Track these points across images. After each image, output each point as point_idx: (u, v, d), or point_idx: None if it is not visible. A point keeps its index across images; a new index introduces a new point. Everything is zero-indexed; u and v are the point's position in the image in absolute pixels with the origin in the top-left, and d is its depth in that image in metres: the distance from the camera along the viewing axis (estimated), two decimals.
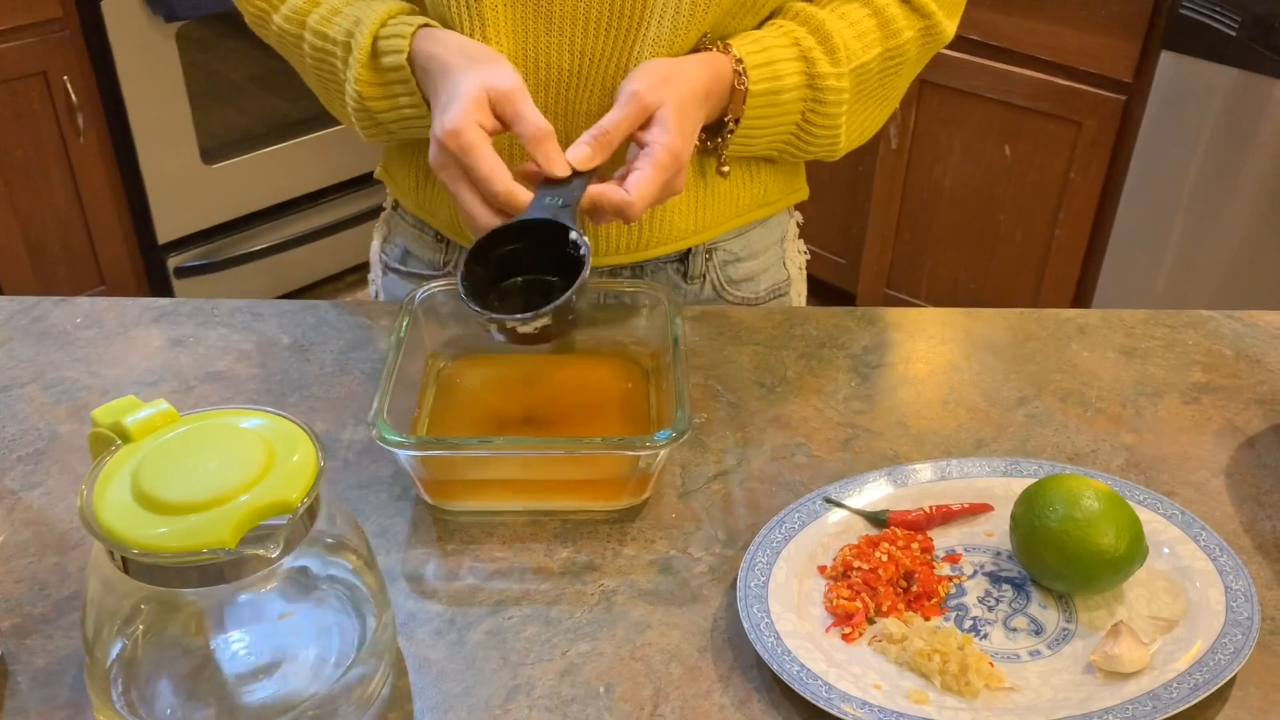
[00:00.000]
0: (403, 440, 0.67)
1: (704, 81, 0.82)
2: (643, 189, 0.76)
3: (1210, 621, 0.63)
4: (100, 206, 2.31)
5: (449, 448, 0.70)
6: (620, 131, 0.78)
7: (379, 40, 0.82)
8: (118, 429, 0.55)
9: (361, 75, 0.82)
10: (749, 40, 0.85)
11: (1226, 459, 0.79)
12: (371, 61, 0.82)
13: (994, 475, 0.75)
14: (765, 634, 0.62)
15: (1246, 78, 1.86)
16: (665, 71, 0.80)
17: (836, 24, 0.87)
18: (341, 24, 0.84)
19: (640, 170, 0.77)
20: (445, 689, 0.61)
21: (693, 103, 0.80)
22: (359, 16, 0.83)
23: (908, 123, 2.32)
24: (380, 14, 0.82)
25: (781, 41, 0.86)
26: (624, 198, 0.77)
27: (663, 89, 0.78)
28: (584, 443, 0.73)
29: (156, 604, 0.56)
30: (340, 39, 0.84)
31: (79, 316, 0.92)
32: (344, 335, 0.90)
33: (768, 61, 0.85)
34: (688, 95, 0.80)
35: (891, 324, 0.95)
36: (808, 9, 0.88)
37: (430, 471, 0.71)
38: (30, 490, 0.74)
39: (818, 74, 0.86)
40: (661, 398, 0.78)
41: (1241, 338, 0.93)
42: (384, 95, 0.83)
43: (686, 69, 0.81)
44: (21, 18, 2.06)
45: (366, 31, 0.82)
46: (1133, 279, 2.12)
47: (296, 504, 0.51)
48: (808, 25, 0.87)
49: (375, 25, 0.82)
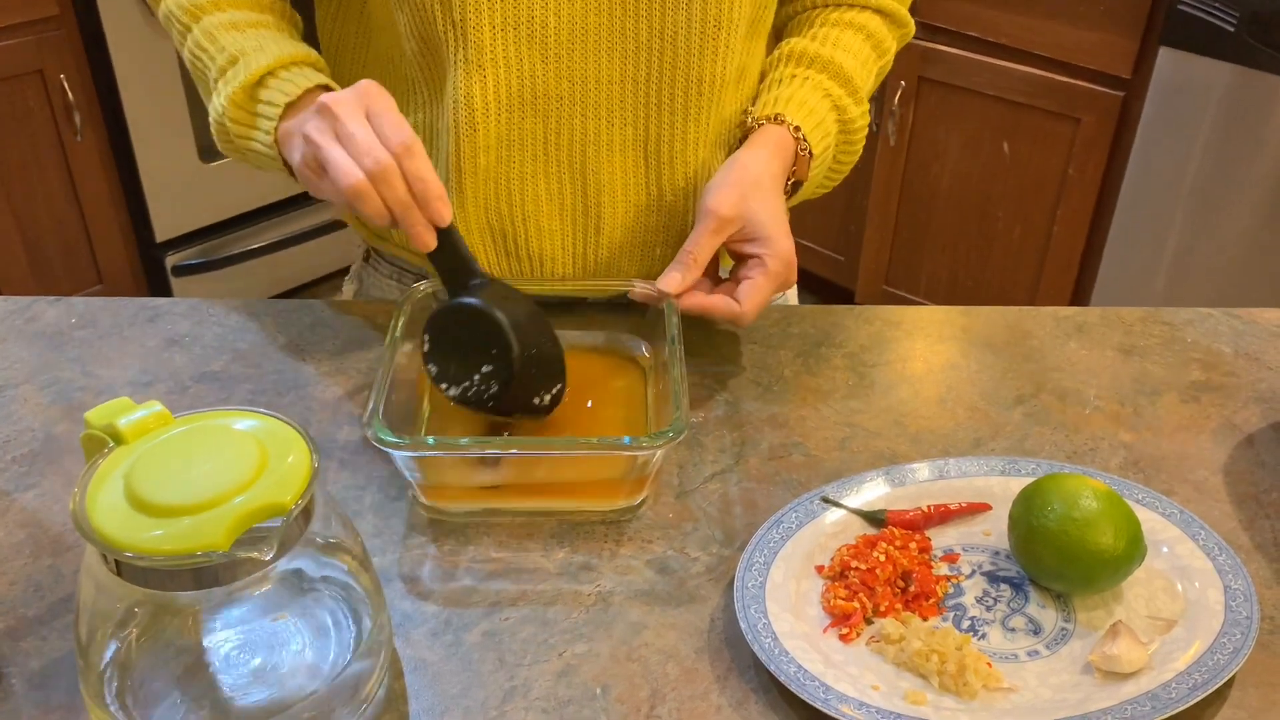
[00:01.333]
0: (399, 441, 0.67)
1: (779, 164, 0.85)
2: (755, 298, 0.80)
3: (1209, 621, 0.63)
4: (98, 205, 2.31)
5: (445, 449, 0.70)
6: (705, 253, 0.81)
7: (272, 76, 0.81)
8: (111, 431, 0.55)
9: (235, 97, 0.81)
10: (796, 105, 0.87)
11: (1225, 457, 0.79)
12: (253, 89, 0.81)
13: (992, 474, 0.75)
14: (763, 635, 0.62)
15: (1245, 74, 1.85)
16: (738, 182, 0.81)
17: (848, 60, 0.90)
18: (239, 41, 0.83)
19: (752, 280, 0.81)
20: (441, 690, 0.61)
21: (775, 195, 0.83)
22: (262, 44, 0.82)
23: (906, 119, 2.32)
24: (290, 54, 0.82)
25: (817, 95, 0.88)
26: (735, 310, 0.80)
27: (741, 204, 0.81)
28: (580, 443, 0.72)
29: (150, 606, 0.56)
30: (231, 52, 0.82)
31: (74, 316, 0.92)
32: (340, 335, 0.90)
33: (818, 124, 0.88)
34: (771, 191, 0.83)
35: (889, 322, 0.94)
36: (811, 48, 0.90)
37: (425, 473, 0.71)
38: (25, 491, 0.74)
39: (848, 118, 0.91)
40: (659, 396, 0.78)
41: (1240, 336, 0.93)
42: (246, 122, 0.82)
43: (761, 164, 0.83)
44: (17, 16, 2.06)
45: (265, 62, 0.80)
46: (1131, 276, 2.12)
47: (290, 506, 0.51)
48: (828, 71, 0.89)
49: (275, 63, 0.80)
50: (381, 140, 0.72)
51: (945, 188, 2.34)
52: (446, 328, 0.76)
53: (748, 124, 0.87)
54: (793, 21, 0.95)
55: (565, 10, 0.80)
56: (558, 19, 0.80)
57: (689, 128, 0.85)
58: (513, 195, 0.87)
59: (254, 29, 0.84)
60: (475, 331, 0.74)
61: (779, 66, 0.89)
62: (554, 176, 0.86)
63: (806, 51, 0.89)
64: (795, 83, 0.88)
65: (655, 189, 0.88)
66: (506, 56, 0.81)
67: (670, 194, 0.88)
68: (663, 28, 0.81)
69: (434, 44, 0.83)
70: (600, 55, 0.82)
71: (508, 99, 0.82)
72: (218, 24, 0.84)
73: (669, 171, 0.87)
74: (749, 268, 0.81)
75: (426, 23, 0.81)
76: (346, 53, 0.94)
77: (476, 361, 0.74)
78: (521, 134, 0.84)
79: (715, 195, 0.81)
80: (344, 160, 0.72)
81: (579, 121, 0.84)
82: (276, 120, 0.80)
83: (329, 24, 0.95)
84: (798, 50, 0.89)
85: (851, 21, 0.92)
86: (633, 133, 0.85)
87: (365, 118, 0.73)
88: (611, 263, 0.91)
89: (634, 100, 0.84)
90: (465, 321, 0.75)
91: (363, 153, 0.71)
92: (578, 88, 0.83)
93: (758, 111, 0.87)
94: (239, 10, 0.85)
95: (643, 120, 0.85)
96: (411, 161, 0.72)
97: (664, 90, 0.84)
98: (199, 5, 0.85)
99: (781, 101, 0.87)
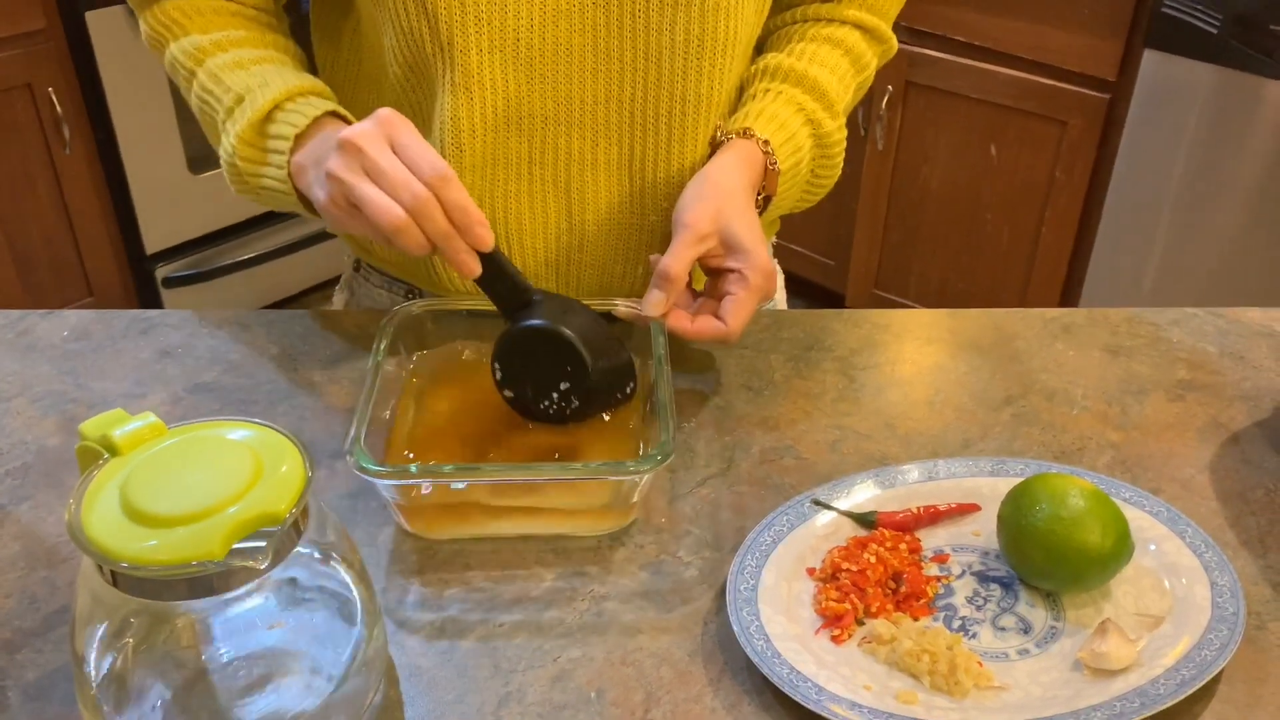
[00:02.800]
0: (381, 470, 0.66)
1: (748, 177, 0.84)
2: (739, 315, 0.79)
3: (1196, 617, 0.64)
4: (87, 217, 2.31)
5: (429, 475, 0.68)
6: (684, 269, 0.80)
7: (279, 110, 0.80)
8: (105, 442, 0.55)
9: (244, 134, 0.81)
10: (766, 119, 0.87)
11: (1211, 455, 0.80)
12: (261, 124, 0.81)
13: (981, 475, 0.75)
14: (755, 637, 0.62)
15: (1229, 75, 1.87)
16: (712, 196, 0.81)
17: (824, 75, 0.90)
18: (243, 79, 0.82)
19: (735, 296, 0.80)
20: (437, 697, 0.61)
21: (749, 208, 0.83)
22: (266, 79, 0.82)
23: (894, 123, 2.33)
24: (295, 85, 0.81)
25: (789, 109, 0.88)
26: (721, 330, 0.79)
27: (718, 219, 0.80)
28: (566, 469, 0.71)
29: (146, 617, 0.56)
30: (237, 91, 0.82)
31: (66, 329, 0.92)
32: (332, 345, 0.90)
33: (789, 138, 0.87)
34: (745, 204, 0.82)
35: (878, 325, 0.95)
36: (786, 63, 0.90)
37: (409, 500, 0.70)
38: (19, 504, 0.74)
39: (823, 132, 0.90)
40: (647, 415, 0.77)
41: (1225, 335, 0.93)
42: (257, 159, 0.82)
43: (730, 176, 0.83)
44: (5, 29, 2.06)
45: (270, 96, 0.80)
46: (1119, 277, 2.14)
47: (285, 515, 0.52)
48: (802, 85, 0.89)
49: (281, 96, 0.80)
50: (414, 171, 0.70)
51: (934, 191, 2.35)
52: (514, 352, 0.75)
53: (717, 138, 0.87)
54: (773, 37, 0.95)
55: (550, 31, 0.80)
56: (543, 40, 0.80)
57: (673, 147, 0.86)
58: (496, 213, 0.87)
59: (258, 65, 0.84)
60: (545, 351, 0.74)
61: (755, 81, 0.90)
62: (538, 194, 0.87)
63: (782, 66, 0.89)
64: (768, 97, 0.88)
65: (639, 207, 0.88)
66: (493, 78, 0.81)
67: (654, 213, 0.89)
68: (647, 49, 0.82)
69: (421, 67, 0.83)
70: (585, 75, 0.82)
71: (494, 119, 0.83)
72: (221, 64, 0.83)
73: (653, 190, 0.87)
74: (730, 283, 0.80)
75: (415, 46, 0.81)
76: (339, 73, 0.94)
77: (552, 380, 0.74)
78: (506, 153, 0.85)
79: (691, 211, 0.80)
80: (379, 197, 0.70)
81: (564, 140, 0.85)
82: (288, 154, 0.79)
83: (323, 47, 0.95)
84: (773, 65, 0.89)
85: (830, 37, 0.92)
86: (617, 152, 0.86)
87: (391, 150, 0.71)
88: (594, 279, 0.91)
89: (618, 119, 0.84)
90: (533, 344, 0.75)
91: (399, 187, 0.69)
92: (562, 107, 0.83)
93: (727, 126, 0.87)
94: (242, 49, 0.85)
95: (627, 139, 0.85)
96: (449, 190, 0.70)
97: (649, 110, 0.84)
98: (201, 48, 0.85)
99: (752, 116, 0.87)
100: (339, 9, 0.92)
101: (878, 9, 0.95)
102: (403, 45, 0.82)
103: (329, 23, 0.94)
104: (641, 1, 0.80)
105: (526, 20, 0.80)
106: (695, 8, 0.81)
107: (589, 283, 0.91)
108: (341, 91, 0.94)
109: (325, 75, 0.95)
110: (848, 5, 0.93)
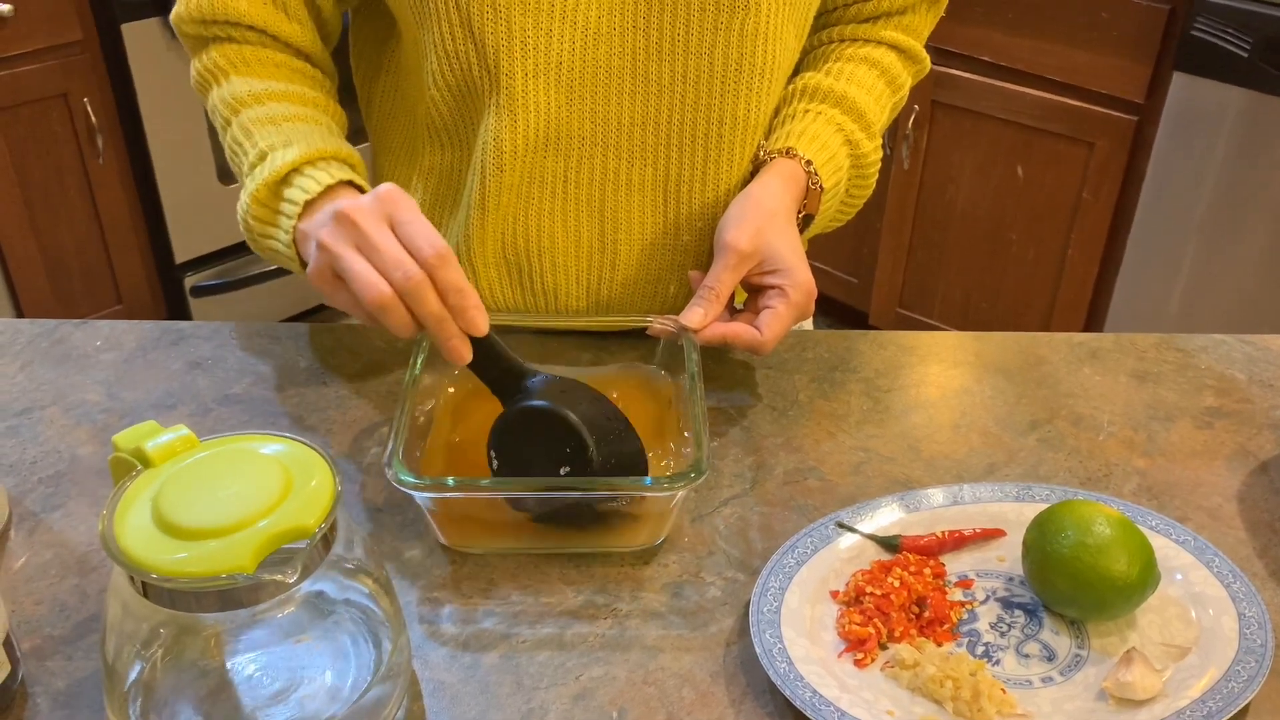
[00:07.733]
0: (419, 483, 0.66)
1: (791, 196, 0.85)
2: (776, 327, 0.80)
3: (1223, 648, 0.63)
4: (118, 226, 2.33)
5: (466, 489, 0.69)
6: (727, 288, 0.80)
7: (296, 174, 0.79)
8: (139, 454, 0.56)
9: (258, 194, 0.80)
10: (809, 140, 0.87)
11: (1239, 484, 0.79)
12: (276, 186, 0.80)
13: (1006, 500, 0.75)
14: (778, 659, 0.62)
15: (1259, 99, 1.86)
16: (754, 216, 0.81)
17: (862, 95, 0.91)
18: (270, 137, 0.81)
19: (773, 309, 0.80)
20: (459, 713, 0.61)
21: (790, 227, 0.83)
22: (291, 139, 0.81)
23: (920, 143, 2.33)
24: (319, 149, 0.80)
25: (829, 129, 0.89)
26: (757, 338, 0.80)
27: (758, 238, 0.81)
28: (601, 483, 0.70)
29: (175, 627, 0.57)
30: (262, 147, 0.81)
31: (99, 339, 0.93)
32: (361, 358, 0.91)
33: (830, 158, 0.88)
34: (786, 224, 0.83)
35: (903, 347, 0.95)
36: (825, 83, 0.90)
37: (447, 511, 0.71)
38: (51, 512, 0.75)
39: (861, 153, 0.91)
40: (679, 431, 0.77)
41: (1254, 362, 0.93)
42: (268, 220, 0.81)
43: (774, 196, 0.83)
44: (43, 40, 2.09)
45: (290, 159, 0.79)
46: (1145, 300, 2.12)
47: (314, 529, 0.52)
48: (841, 106, 0.90)
49: (301, 159, 0.79)
50: (412, 250, 0.68)
51: (959, 211, 2.35)
52: (511, 437, 0.71)
53: (760, 157, 0.87)
54: (808, 56, 0.96)
55: (591, 54, 0.81)
56: (584, 63, 0.81)
57: (709, 170, 0.86)
58: (530, 230, 0.88)
59: (289, 123, 0.82)
60: (544, 435, 0.70)
61: (793, 101, 0.90)
62: (572, 213, 0.88)
63: (821, 86, 0.90)
64: (808, 117, 0.89)
65: (673, 227, 0.89)
66: (536, 100, 0.82)
67: (687, 233, 0.89)
68: (685, 73, 0.82)
69: (464, 90, 0.84)
70: (623, 97, 0.83)
71: (534, 140, 0.83)
72: (255, 118, 0.83)
73: (687, 212, 0.88)
74: (769, 297, 0.81)
75: (460, 70, 0.82)
76: (376, 94, 0.95)
77: (552, 466, 0.70)
78: (544, 172, 0.86)
79: (733, 230, 0.81)
80: (367, 272, 0.68)
81: (599, 160, 0.85)
82: (295, 219, 0.78)
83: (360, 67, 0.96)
84: (811, 85, 0.90)
85: (866, 57, 0.93)
86: (652, 173, 0.86)
87: (390, 227, 0.69)
88: (624, 298, 0.92)
89: (655, 141, 0.85)
90: (532, 427, 0.70)
91: (390, 266, 0.68)
92: (600, 128, 0.84)
93: (770, 145, 0.87)
94: (279, 103, 0.84)
95: (663, 161, 0.86)
96: (446, 271, 0.68)
97: (685, 133, 0.85)
98: (239, 98, 0.84)
99: (794, 136, 0.87)
100: (379, 32, 0.93)
101: (913, 29, 0.96)
102: (447, 69, 0.83)
103: (368, 48, 0.95)
104: (682, 26, 0.81)
105: (569, 44, 0.81)
106: (735, 33, 0.81)
107: (619, 301, 0.92)
108: (378, 112, 0.95)
109: (361, 96, 0.96)
110: (883, 26, 0.94)
